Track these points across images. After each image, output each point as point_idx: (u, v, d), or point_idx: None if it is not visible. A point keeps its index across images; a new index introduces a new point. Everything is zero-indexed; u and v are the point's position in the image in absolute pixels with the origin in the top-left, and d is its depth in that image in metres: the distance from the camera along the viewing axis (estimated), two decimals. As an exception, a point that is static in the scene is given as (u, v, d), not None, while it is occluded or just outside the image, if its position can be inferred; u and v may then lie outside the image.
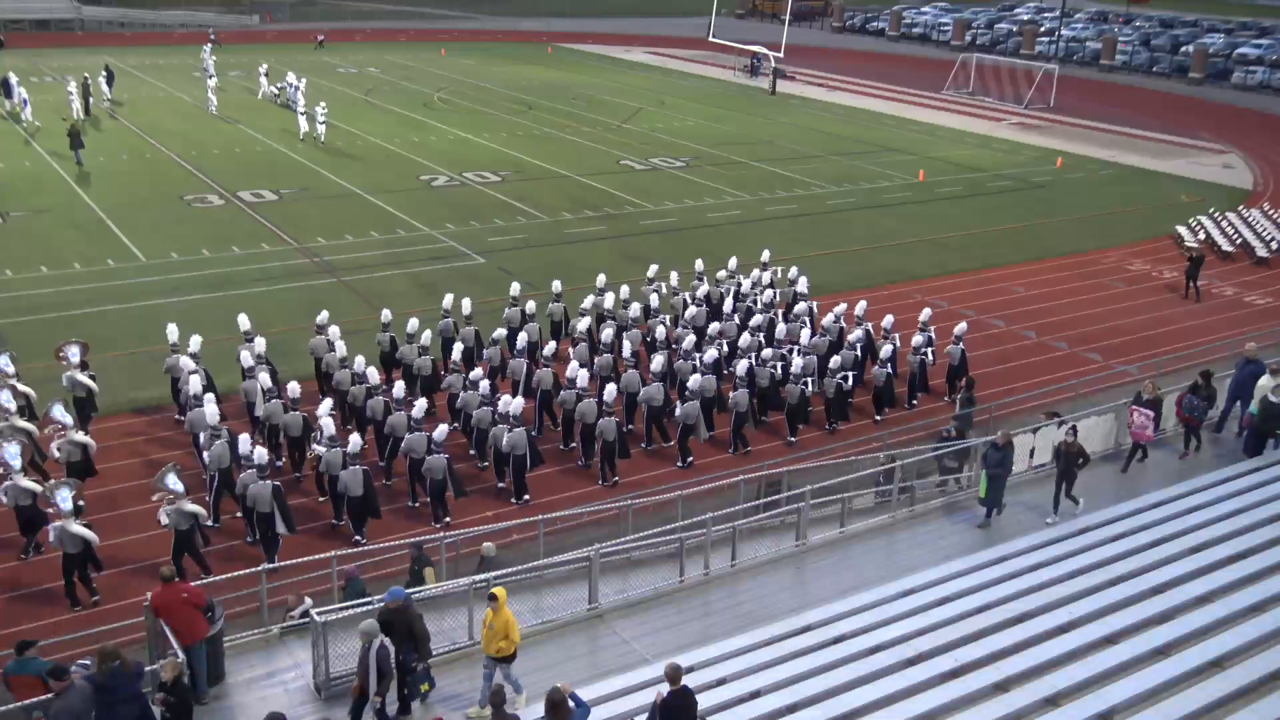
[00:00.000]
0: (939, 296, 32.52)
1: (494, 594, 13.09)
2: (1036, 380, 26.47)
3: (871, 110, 64.88)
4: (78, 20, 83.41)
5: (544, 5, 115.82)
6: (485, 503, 20.42)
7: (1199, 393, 20.87)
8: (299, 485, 20.46)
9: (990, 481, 18.21)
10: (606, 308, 25.88)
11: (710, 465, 22.02)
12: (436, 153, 45.57)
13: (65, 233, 34.19)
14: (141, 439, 22.00)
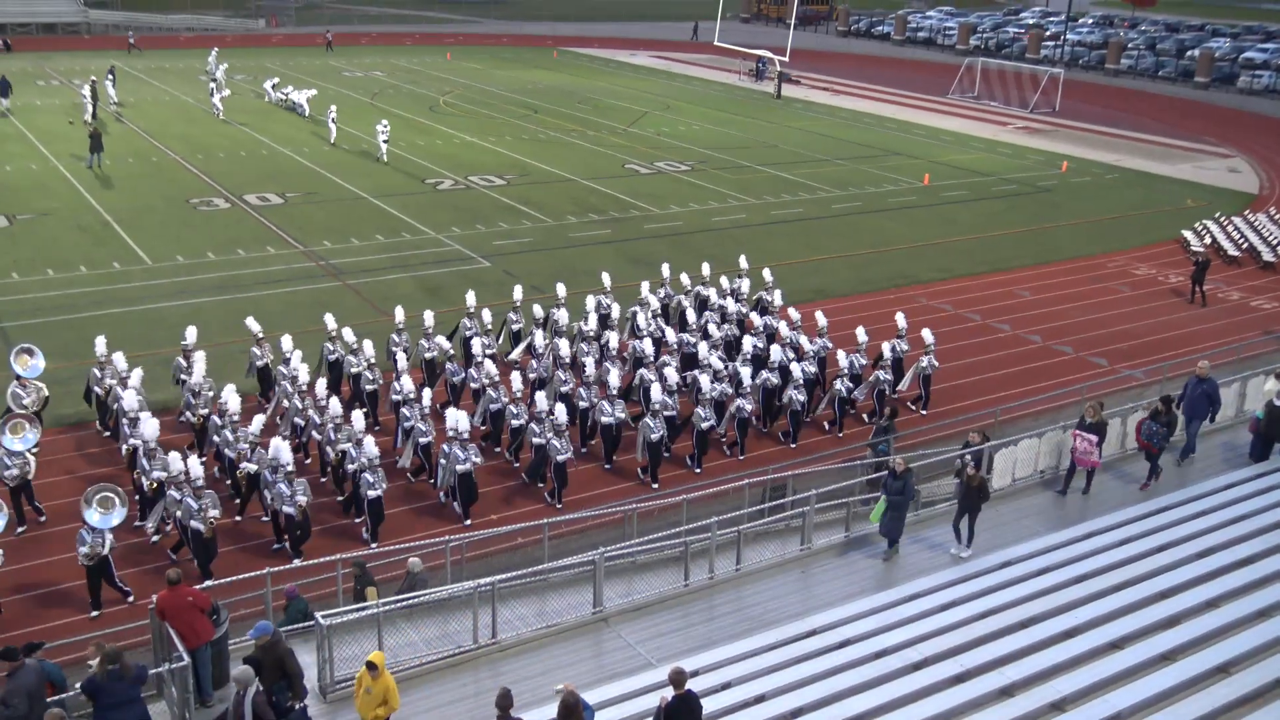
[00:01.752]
0: (944, 300, 32.50)
1: (372, 661, 12.38)
2: (1042, 385, 26.43)
3: (876, 114, 64.89)
4: (84, 24, 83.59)
5: (549, 9, 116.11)
6: (492, 505, 20.40)
7: (1159, 419, 19.69)
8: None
9: (891, 510, 17.17)
10: (562, 322, 25.21)
11: (715, 469, 21.98)
12: (442, 156, 45.62)
13: (71, 235, 34.26)
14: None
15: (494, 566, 16.95)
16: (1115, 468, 20.97)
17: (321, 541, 18.72)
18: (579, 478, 21.40)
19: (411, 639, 14.87)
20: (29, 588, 17.43)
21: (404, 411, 20.91)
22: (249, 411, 20.56)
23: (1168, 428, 19.77)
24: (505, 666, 14.55)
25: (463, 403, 22.55)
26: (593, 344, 24.59)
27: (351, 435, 19.50)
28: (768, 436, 23.69)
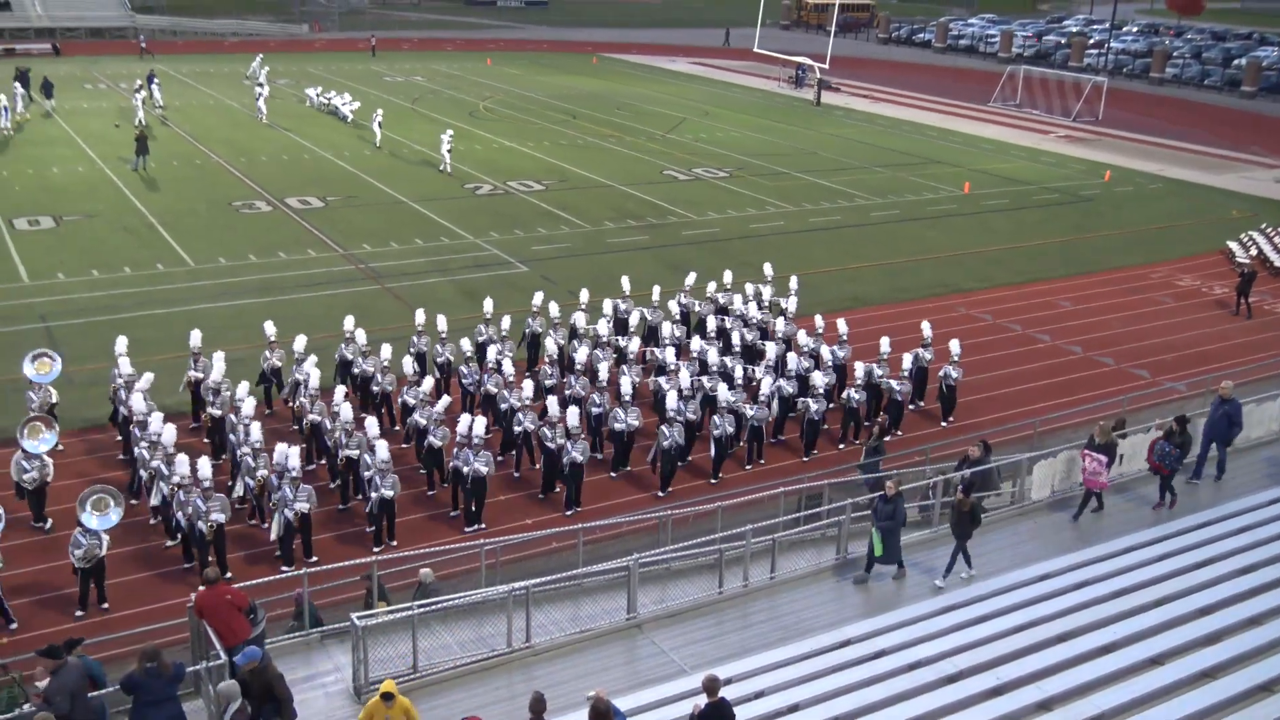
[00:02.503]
0: (983, 310, 32.27)
1: (388, 692, 12.14)
2: (1082, 396, 26.16)
3: (916, 122, 64.53)
4: (131, 28, 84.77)
5: (589, 15, 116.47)
6: (526, 510, 20.46)
7: (1172, 439, 19.11)
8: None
9: (884, 536, 16.57)
10: (581, 327, 25.17)
11: (750, 477, 21.92)
12: (481, 161, 45.86)
13: (116, 237, 34.73)
14: (190, 442, 22.19)
15: (528, 570, 16.96)
16: (1147, 484, 20.67)
17: (340, 548, 18.82)
18: (604, 486, 21.37)
19: (445, 641, 14.92)
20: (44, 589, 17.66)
21: (418, 415, 20.93)
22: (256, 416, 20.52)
23: (1180, 449, 19.19)
24: (538, 671, 14.57)
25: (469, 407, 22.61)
26: (606, 349, 24.45)
27: (362, 442, 19.48)
28: (785, 447, 23.37)
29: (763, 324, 26.59)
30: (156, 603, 17.05)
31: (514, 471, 21.68)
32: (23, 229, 35.05)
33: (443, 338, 23.83)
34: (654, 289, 27.23)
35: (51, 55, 72.57)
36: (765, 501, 19.58)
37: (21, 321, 27.65)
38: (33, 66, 59.07)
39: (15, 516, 18.48)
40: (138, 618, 16.19)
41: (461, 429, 19.73)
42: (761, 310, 27.03)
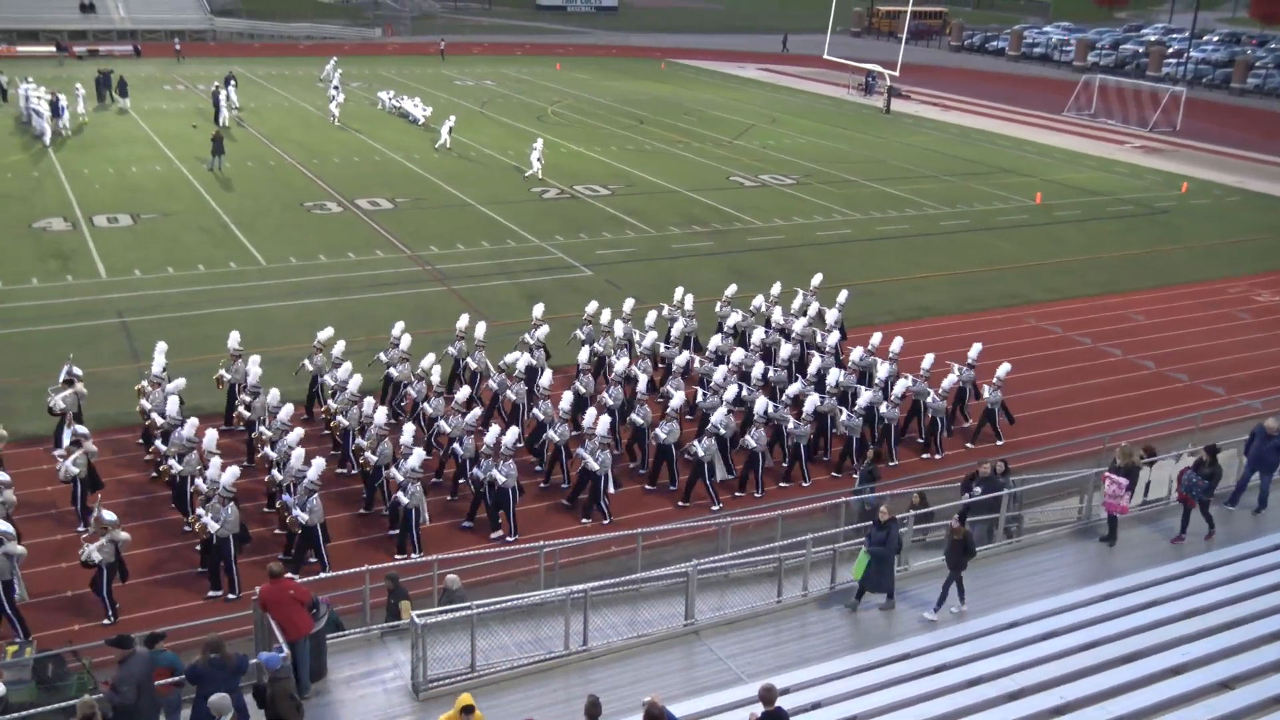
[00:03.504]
0: (1053, 322, 31.75)
1: (468, 705, 12.04)
2: (1154, 412, 25.61)
3: (988, 131, 63.75)
4: (210, 31, 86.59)
5: (658, 21, 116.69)
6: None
7: (1201, 470, 18.30)
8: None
9: (876, 563, 15.89)
10: (618, 335, 24.92)
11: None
12: (548, 165, 46.09)
13: (191, 235, 35.45)
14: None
15: (586, 574, 17.01)
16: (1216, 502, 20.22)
17: (365, 552, 18.75)
18: (641, 497, 21.33)
19: (503, 642, 15.00)
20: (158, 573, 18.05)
21: (443, 423, 20.78)
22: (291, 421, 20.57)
23: (1209, 480, 18.35)
24: (595, 674, 14.60)
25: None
26: (645, 359, 24.15)
27: (386, 450, 19.39)
28: (825, 464, 22.84)
29: (804, 337, 26.08)
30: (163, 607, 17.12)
31: (541, 483, 21.40)
32: (102, 226, 35.92)
33: (479, 345, 23.73)
34: (688, 299, 26.80)
35: (133, 57, 74.33)
36: (826, 511, 19.44)
37: (99, 316, 28.33)
38: (115, 68, 60.48)
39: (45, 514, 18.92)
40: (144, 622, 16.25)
41: (489, 439, 19.53)
42: (810, 323, 26.57)
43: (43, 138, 46.92)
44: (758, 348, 25.18)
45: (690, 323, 26.18)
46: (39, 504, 19.56)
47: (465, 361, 23.69)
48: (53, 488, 19.72)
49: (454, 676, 14.15)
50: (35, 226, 35.37)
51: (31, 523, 18.80)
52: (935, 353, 24.73)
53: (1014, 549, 18.49)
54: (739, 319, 26.26)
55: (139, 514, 19.54)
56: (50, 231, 35.04)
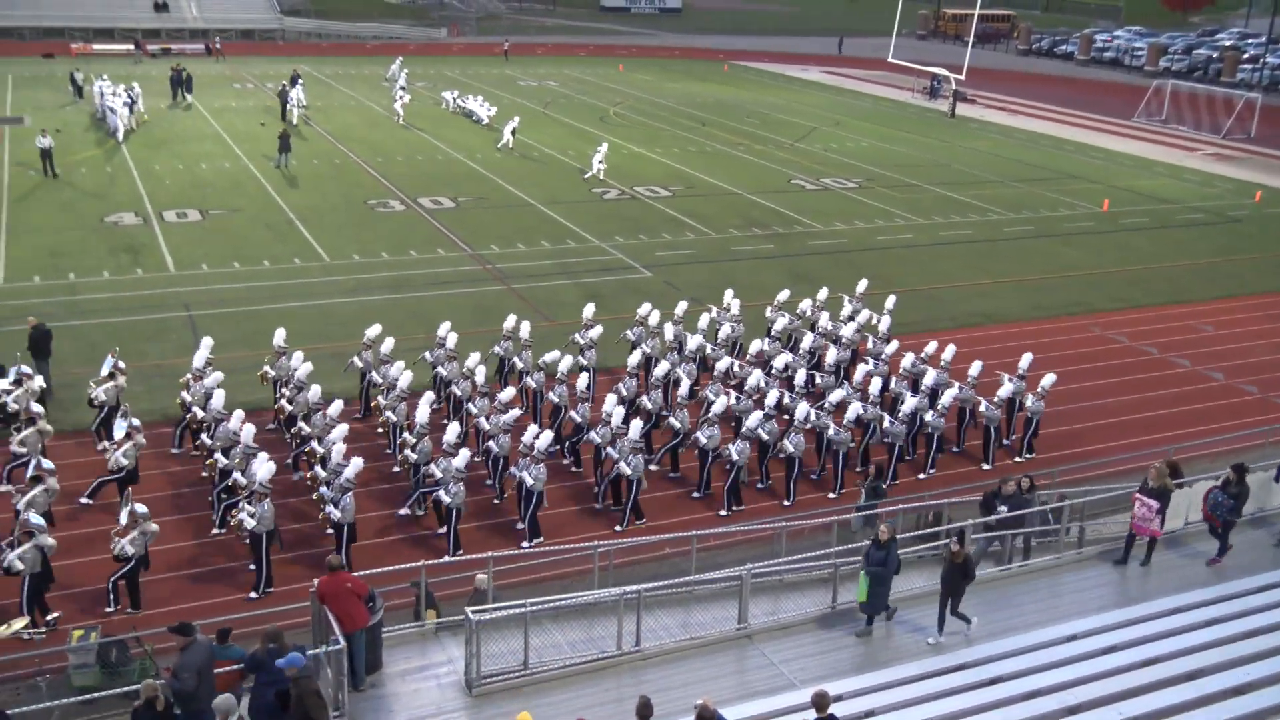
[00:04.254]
0: (1119, 331, 31.21)
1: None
2: (1222, 425, 25.06)
3: (1055, 136, 62.83)
4: (279, 31, 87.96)
5: (722, 23, 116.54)
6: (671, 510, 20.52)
7: (1228, 489, 17.72)
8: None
9: (872, 582, 15.32)
10: (668, 338, 24.75)
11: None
12: (609, 166, 46.22)
13: (257, 232, 36.02)
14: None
15: (640, 575, 17.02)
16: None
17: (411, 550, 18.91)
18: (678, 502, 21.23)
19: (556, 640, 15.05)
20: (199, 565, 18.35)
21: (483, 422, 20.78)
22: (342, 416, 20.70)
23: (1236, 500, 17.74)
24: (647, 675, 14.59)
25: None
26: (690, 364, 23.99)
27: (425, 449, 19.36)
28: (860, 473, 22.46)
29: (852, 343, 25.84)
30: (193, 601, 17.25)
31: (596, 487, 21.25)
32: (172, 221, 36.62)
33: (525, 344, 23.67)
34: (735, 303, 26.66)
35: (204, 55, 75.71)
36: (884, 518, 19.24)
37: (167, 309, 28.88)
38: (186, 66, 61.64)
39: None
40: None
41: (526, 439, 19.47)
42: (858, 329, 26.25)
43: (116, 134, 47.95)
44: (805, 353, 24.98)
45: (737, 327, 26.07)
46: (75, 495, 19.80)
47: (512, 361, 23.78)
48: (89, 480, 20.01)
49: (507, 673, 14.23)
50: (107, 221, 36.16)
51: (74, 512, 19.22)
52: (999, 361, 24.40)
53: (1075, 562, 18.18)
54: (785, 323, 26.11)
55: (184, 507, 19.89)
56: (122, 226, 35.80)
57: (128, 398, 22.20)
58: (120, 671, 14.31)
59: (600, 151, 46.16)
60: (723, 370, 23.37)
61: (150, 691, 11.74)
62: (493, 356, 23.80)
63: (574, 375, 22.54)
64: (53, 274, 30.90)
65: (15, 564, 15.79)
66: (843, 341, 25.45)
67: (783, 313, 26.43)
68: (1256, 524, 19.47)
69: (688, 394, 22.24)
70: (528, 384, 23.10)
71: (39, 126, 43.93)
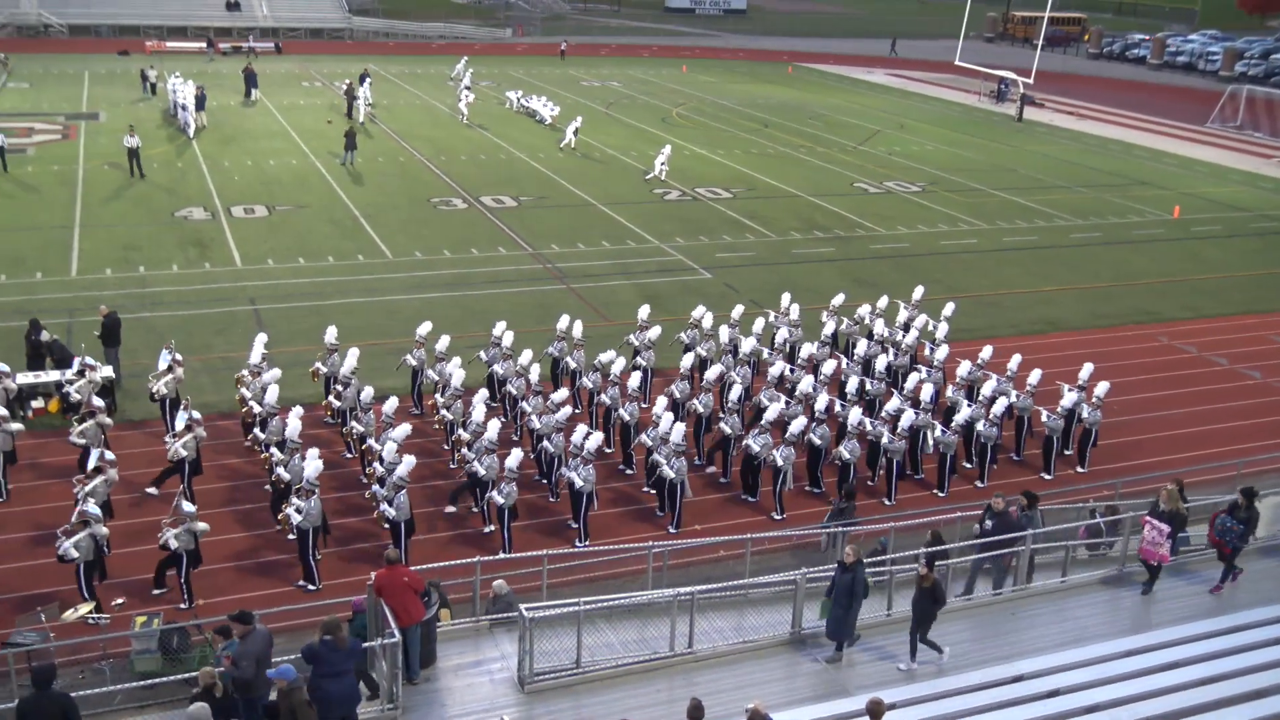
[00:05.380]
0: (1188, 341, 30.58)
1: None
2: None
3: (1125, 141, 61.73)
4: (348, 30, 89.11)
5: (786, 25, 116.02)
6: (696, 515, 20.45)
7: (1236, 514, 16.97)
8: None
9: (836, 608, 14.74)
10: (723, 341, 24.58)
11: (927, 500, 21.36)
12: (671, 167, 46.19)
13: (322, 228, 36.50)
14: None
15: (694, 577, 17.00)
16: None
17: (459, 548, 18.93)
18: (729, 507, 21.12)
19: (609, 640, 15.07)
20: (250, 556, 18.63)
21: (534, 421, 20.81)
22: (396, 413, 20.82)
23: (1244, 525, 16.95)
24: (699, 677, 14.56)
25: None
26: (743, 368, 23.79)
27: (481, 448, 19.34)
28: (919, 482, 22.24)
29: (909, 350, 25.53)
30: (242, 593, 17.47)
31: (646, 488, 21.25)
32: (239, 216, 37.23)
33: (579, 344, 23.73)
34: (794, 307, 26.40)
35: (274, 54, 76.94)
36: (941, 525, 19.02)
37: (233, 303, 29.37)
38: (254, 64, 62.65)
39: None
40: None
41: (575, 439, 19.51)
42: (917, 336, 25.89)
43: (187, 130, 48.86)
44: (859, 359, 24.69)
45: (795, 331, 25.89)
46: (141, 485, 20.17)
47: (565, 361, 23.82)
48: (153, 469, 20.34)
49: (559, 671, 14.28)
50: (177, 215, 36.86)
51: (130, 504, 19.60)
52: (1063, 370, 23.99)
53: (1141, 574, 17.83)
54: (834, 328, 25.89)
55: (241, 499, 20.16)
56: (191, 220, 36.47)
57: (192, 389, 22.64)
58: (180, 658, 14.58)
59: (663, 153, 46.19)
60: (776, 375, 23.23)
61: (208, 679, 11.94)
62: (545, 356, 23.87)
63: (625, 375, 22.54)
64: (124, 267, 31.56)
65: (70, 552, 16.15)
66: (901, 348, 25.18)
67: (836, 317, 26.24)
68: (1267, 552, 18.75)
69: (741, 398, 22.14)
70: (583, 384, 23.15)
71: (113, 122, 44.96)
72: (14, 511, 19.20)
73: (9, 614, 16.12)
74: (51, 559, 16.48)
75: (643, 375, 23.11)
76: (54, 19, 79.35)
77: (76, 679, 14.55)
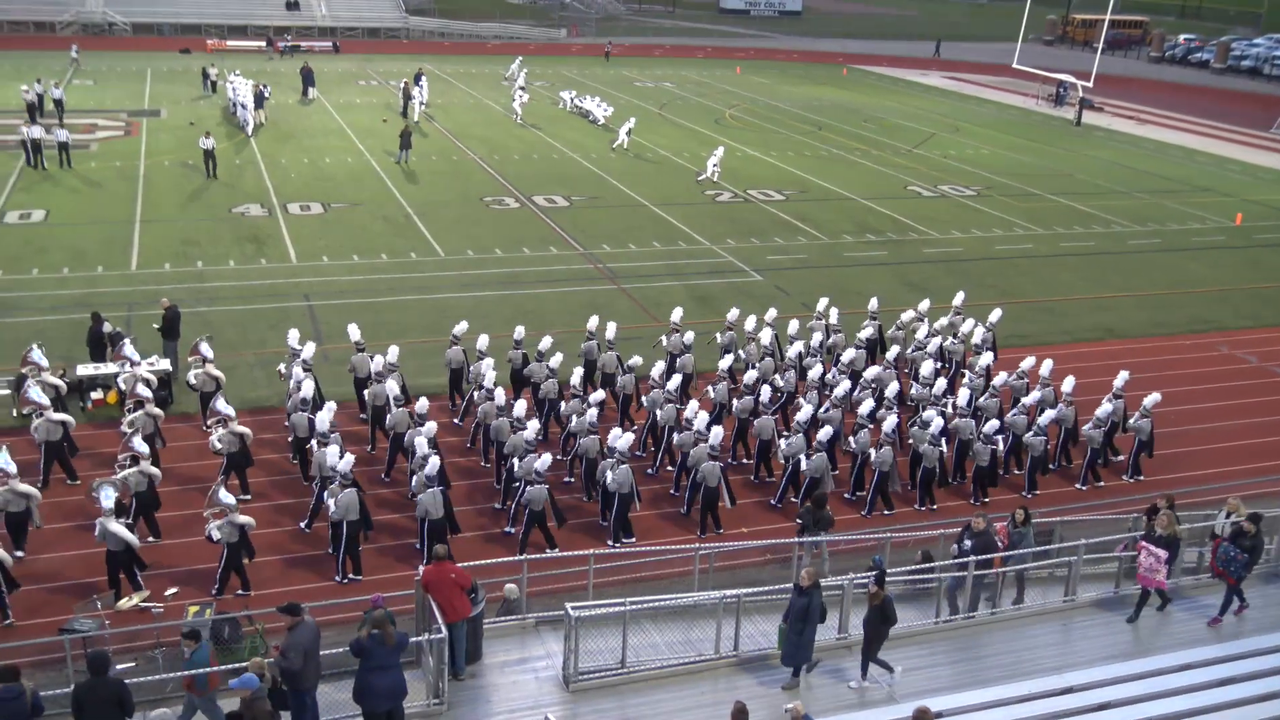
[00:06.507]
0: (1249, 350, 30.00)
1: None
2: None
3: (1185, 147, 60.70)
4: (404, 29, 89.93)
5: (841, 27, 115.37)
6: (744, 518, 20.40)
7: (1240, 542, 16.15)
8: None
9: (791, 633, 14.18)
10: (764, 343, 24.31)
11: (964, 510, 21.12)
12: (723, 168, 46.08)
13: (376, 225, 36.84)
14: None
15: (740, 579, 16.96)
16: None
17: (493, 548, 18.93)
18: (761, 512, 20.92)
19: (654, 640, 15.07)
20: (294, 550, 18.82)
21: (572, 421, 20.74)
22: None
23: (1249, 554, 16.18)
24: (743, 681, 14.52)
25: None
26: (787, 374, 23.66)
27: (516, 446, 19.36)
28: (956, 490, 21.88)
29: (956, 357, 25.25)
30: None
31: (673, 489, 21.17)
32: (295, 213, 37.69)
33: (610, 344, 23.58)
34: (832, 311, 26.19)
35: (332, 53, 77.82)
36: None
37: (288, 299, 29.74)
38: (310, 63, 63.39)
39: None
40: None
41: (609, 440, 19.41)
42: (959, 342, 25.54)
43: (246, 128, 49.55)
44: (888, 364, 24.25)
45: (835, 336, 25.69)
46: (201, 477, 20.39)
47: (599, 361, 23.70)
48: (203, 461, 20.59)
49: (604, 671, 14.30)
50: (234, 211, 37.39)
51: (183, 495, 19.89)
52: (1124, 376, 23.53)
53: (1192, 587, 17.51)
54: (871, 332, 25.60)
55: (290, 491, 20.38)
56: (248, 216, 36.98)
57: (246, 384, 22.94)
58: (231, 648, 14.77)
59: (716, 154, 46.11)
60: (816, 378, 23.04)
61: (258, 669, 12.08)
62: (580, 357, 23.75)
63: (664, 378, 22.34)
64: (182, 261, 32.07)
65: (215, 534, 16.50)
66: (947, 355, 24.88)
67: (873, 320, 26.01)
68: (1269, 579, 18.16)
69: (778, 401, 21.95)
70: (623, 385, 23.04)
71: (173, 119, 45.59)
72: (69, 500, 19.50)
73: (63, 602, 16.43)
74: (102, 547, 16.69)
75: (682, 379, 22.93)
76: (118, 17, 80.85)
77: (131, 667, 14.78)
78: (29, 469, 19.15)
